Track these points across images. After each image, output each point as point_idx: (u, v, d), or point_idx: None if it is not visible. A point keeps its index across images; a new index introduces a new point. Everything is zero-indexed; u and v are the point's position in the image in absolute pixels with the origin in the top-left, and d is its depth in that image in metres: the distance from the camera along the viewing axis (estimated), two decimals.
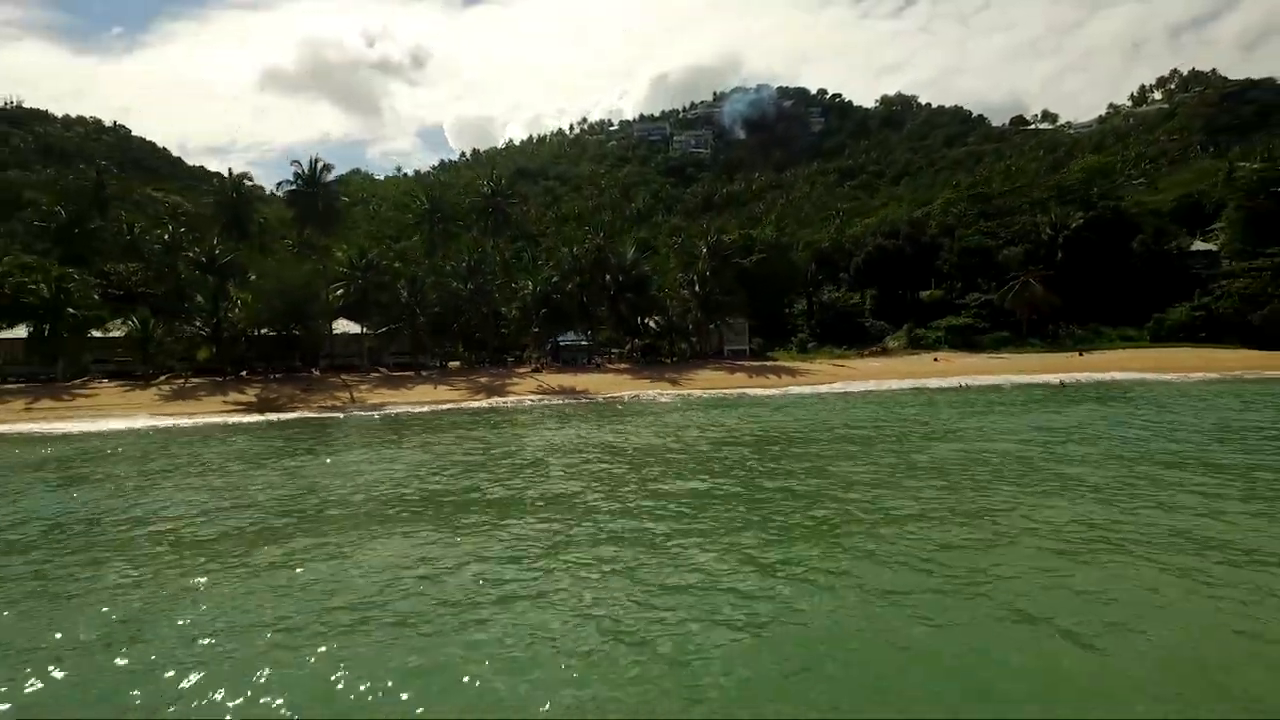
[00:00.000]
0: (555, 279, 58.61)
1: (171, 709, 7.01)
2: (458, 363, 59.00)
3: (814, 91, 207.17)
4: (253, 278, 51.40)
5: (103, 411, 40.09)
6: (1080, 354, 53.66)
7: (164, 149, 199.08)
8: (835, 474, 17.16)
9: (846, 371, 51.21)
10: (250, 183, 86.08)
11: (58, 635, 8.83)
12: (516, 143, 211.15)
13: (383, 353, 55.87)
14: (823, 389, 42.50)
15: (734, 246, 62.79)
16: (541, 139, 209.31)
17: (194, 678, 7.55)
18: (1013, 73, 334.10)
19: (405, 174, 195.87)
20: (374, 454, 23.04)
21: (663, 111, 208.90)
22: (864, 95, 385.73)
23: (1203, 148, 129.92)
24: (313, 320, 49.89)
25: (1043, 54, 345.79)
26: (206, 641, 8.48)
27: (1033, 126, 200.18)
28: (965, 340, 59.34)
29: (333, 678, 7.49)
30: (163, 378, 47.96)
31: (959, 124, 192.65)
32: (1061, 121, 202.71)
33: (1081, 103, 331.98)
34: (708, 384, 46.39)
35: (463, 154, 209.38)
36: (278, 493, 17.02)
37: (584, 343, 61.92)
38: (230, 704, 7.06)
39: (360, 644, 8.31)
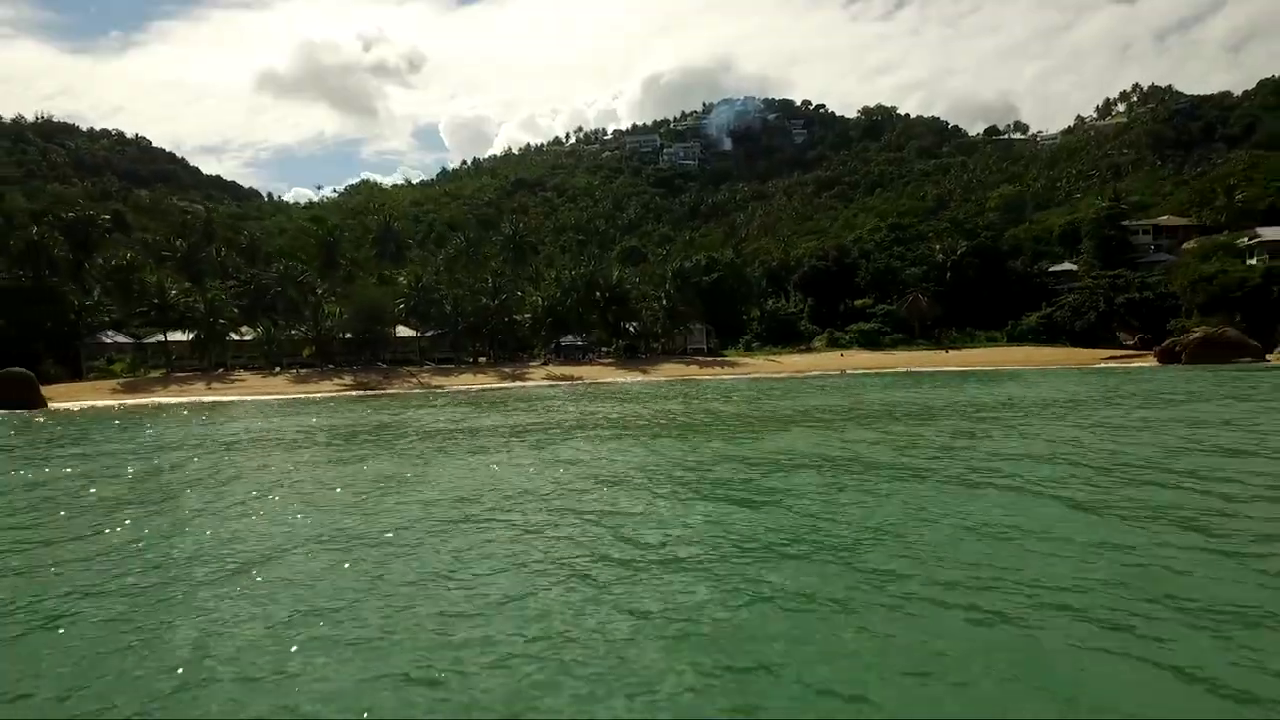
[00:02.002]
0: (558, 294, 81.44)
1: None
2: (484, 358, 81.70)
3: (798, 102, 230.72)
4: (322, 290, 73.89)
5: (257, 390, 62.54)
6: (946, 351, 76.38)
7: (182, 158, 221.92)
8: (697, 402, 39.87)
9: (774, 365, 73.86)
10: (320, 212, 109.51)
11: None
12: (515, 150, 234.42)
13: (431, 350, 78.62)
14: (747, 376, 65.16)
15: (696, 268, 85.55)
16: (539, 148, 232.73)
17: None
18: (1005, 74, 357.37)
19: (410, 182, 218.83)
20: (457, 399, 45.65)
21: (654, 121, 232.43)
22: (856, 96, 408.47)
23: (1135, 165, 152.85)
24: (383, 327, 72.60)
25: (1033, 56, 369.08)
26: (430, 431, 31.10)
27: (1005, 137, 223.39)
28: (871, 341, 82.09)
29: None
30: (277, 368, 70.59)
31: (934, 135, 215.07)
32: (1033, 131, 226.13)
33: (1071, 102, 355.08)
34: (668, 373, 69.12)
35: (464, 162, 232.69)
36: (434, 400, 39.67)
37: (580, 343, 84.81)
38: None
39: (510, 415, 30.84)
